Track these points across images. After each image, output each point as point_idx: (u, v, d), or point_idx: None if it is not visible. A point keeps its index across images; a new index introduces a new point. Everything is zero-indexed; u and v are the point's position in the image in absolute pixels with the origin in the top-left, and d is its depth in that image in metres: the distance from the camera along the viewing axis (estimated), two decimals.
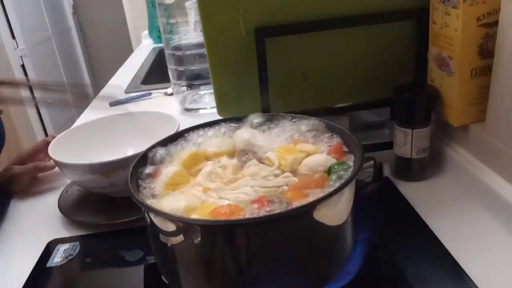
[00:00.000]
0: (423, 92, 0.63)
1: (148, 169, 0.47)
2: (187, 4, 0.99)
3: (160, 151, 0.49)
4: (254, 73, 0.64)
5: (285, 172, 0.44)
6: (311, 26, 0.63)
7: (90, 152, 0.71)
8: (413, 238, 0.53)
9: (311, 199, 0.39)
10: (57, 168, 0.66)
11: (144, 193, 0.43)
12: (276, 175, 0.44)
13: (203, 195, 0.42)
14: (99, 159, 0.61)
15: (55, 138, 0.71)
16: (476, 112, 0.59)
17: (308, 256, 0.40)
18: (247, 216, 0.37)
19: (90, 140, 0.75)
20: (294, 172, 0.45)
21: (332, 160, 0.44)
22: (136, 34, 2.24)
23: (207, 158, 0.49)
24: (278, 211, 0.37)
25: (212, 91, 0.70)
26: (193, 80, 1.05)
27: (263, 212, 0.37)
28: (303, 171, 0.44)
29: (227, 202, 0.40)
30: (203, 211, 0.39)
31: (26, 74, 2.71)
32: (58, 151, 0.66)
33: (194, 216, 0.39)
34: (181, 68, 1.04)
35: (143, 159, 0.48)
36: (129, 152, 0.71)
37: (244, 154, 0.48)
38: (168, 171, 0.46)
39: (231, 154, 0.49)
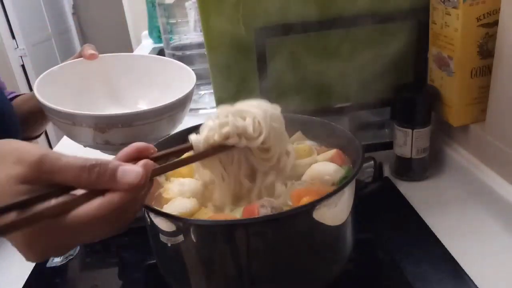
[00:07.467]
0: (423, 92, 0.63)
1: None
2: (187, 4, 0.99)
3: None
4: (254, 73, 0.64)
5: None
6: (311, 26, 0.63)
7: (88, 96, 0.61)
8: (413, 238, 0.53)
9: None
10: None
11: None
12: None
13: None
14: (96, 108, 0.53)
15: (41, 76, 0.59)
16: (476, 112, 0.59)
17: (308, 256, 0.40)
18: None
19: (89, 83, 0.64)
20: (298, 178, 0.44)
21: (341, 171, 0.43)
22: (136, 34, 2.24)
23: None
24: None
25: (212, 91, 0.70)
26: None
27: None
28: (308, 178, 0.44)
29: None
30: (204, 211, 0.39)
31: (26, 74, 2.71)
32: (46, 92, 0.54)
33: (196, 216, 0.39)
34: None
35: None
36: (140, 105, 0.63)
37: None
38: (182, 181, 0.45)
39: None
